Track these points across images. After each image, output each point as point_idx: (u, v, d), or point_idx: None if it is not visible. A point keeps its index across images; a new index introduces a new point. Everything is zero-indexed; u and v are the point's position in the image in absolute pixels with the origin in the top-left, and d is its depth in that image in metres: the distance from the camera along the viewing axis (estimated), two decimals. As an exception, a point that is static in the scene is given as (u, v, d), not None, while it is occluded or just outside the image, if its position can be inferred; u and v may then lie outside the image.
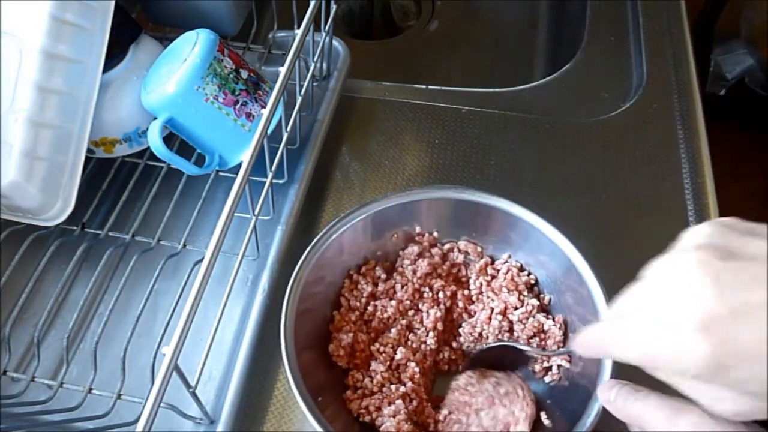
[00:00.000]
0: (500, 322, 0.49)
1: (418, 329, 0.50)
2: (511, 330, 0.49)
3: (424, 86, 0.70)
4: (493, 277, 0.52)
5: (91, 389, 0.46)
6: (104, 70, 0.51)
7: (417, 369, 0.47)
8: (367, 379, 0.48)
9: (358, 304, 0.51)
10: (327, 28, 0.58)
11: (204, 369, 0.39)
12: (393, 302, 0.50)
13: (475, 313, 0.51)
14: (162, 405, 0.33)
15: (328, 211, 0.60)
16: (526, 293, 0.50)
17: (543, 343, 0.48)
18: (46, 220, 0.50)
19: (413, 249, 0.52)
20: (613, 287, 0.44)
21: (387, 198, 0.50)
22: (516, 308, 0.49)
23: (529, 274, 0.51)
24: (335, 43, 0.66)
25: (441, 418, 0.46)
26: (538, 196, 0.61)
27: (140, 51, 0.55)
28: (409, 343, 0.49)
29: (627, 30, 0.77)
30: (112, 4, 0.50)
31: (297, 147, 0.57)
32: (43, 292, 0.53)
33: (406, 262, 0.52)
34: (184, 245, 0.52)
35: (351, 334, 0.49)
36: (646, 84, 0.69)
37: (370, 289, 0.51)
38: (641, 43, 0.73)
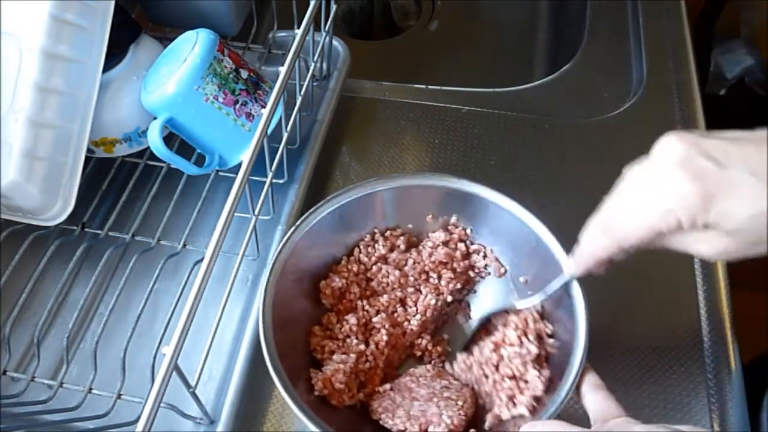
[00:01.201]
0: (491, 352, 0.47)
1: (410, 307, 0.51)
2: (498, 364, 0.46)
3: (424, 86, 0.70)
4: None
5: (91, 389, 0.46)
6: (104, 70, 0.51)
7: (386, 338, 0.48)
8: (338, 325, 0.49)
9: (366, 259, 0.52)
10: (327, 28, 0.58)
11: (204, 369, 0.39)
12: (398, 272, 0.51)
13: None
14: (162, 405, 0.33)
15: (328, 211, 0.60)
16: (531, 338, 0.47)
17: (516, 390, 0.45)
18: (46, 220, 0.50)
19: (440, 235, 0.52)
20: (611, 284, 0.45)
21: (442, 179, 0.51)
22: (512, 345, 0.47)
23: (546, 325, 0.48)
24: (335, 43, 0.65)
25: (380, 389, 0.47)
26: (538, 195, 0.61)
27: (140, 51, 0.55)
28: (395, 314, 0.50)
29: (627, 30, 0.76)
30: (112, 4, 0.50)
31: (297, 147, 0.57)
32: (43, 292, 0.53)
33: (429, 244, 0.52)
34: (184, 245, 0.52)
35: (343, 281, 0.50)
36: (646, 84, 0.69)
37: (384, 251, 0.52)
38: (641, 43, 0.73)
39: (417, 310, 0.50)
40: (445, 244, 0.52)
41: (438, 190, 0.51)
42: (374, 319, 0.49)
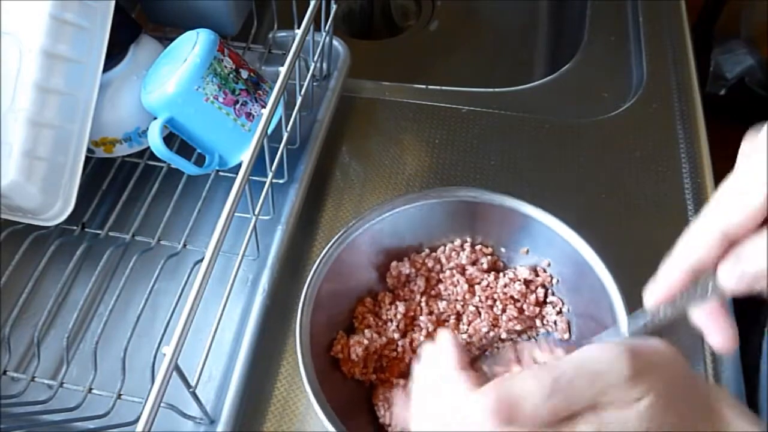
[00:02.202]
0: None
1: (462, 324, 0.50)
2: None
3: (424, 86, 0.70)
4: None
5: (91, 389, 0.46)
6: (104, 70, 0.51)
7: (422, 339, 0.48)
8: (387, 306, 0.50)
9: (445, 261, 0.52)
10: (327, 27, 0.58)
11: (204, 369, 0.39)
12: (467, 287, 0.50)
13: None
14: (162, 405, 0.33)
15: (328, 211, 0.60)
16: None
17: None
18: (46, 220, 0.50)
19: (524, 272, 0.51)
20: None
21: (557, 224, 0.48)
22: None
23: None
24: (335, 42, 0.65)
25: (394, 381, 0.47)
26: (538, 195, 0.61)
27: (140, 51, 0.55)
28: (445, 323, 0.50)
29: (627, 30, 0.76)
30: (112, 4, 0.50)
31: (297, 147, 0.57)
32: (43, 292, 0.53)
33: (510, 275, 0.50)
34: (184, 245, 0.52)
35: (413, 270, 0.50)
36: (646, 84, 0.69)
37: (465, 262, 0.51)
38: (641, 43, 0.73)
39: (467, 330, 0.50)
40: (526, 283, 0.50)
41: (544, 229, 0.49)
42: (421, 318, 0.49)
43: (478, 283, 0.51)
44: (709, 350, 0.51)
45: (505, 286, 0.50)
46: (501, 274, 0.51)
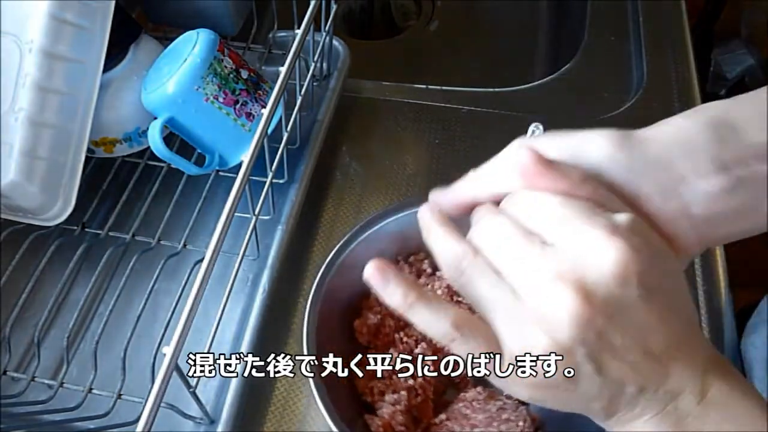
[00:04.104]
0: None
1: None
2: None
3: (424, 86, 0.70)
4: None
5: (91, 389, 0.46)
6: (104, 70, 0.51)
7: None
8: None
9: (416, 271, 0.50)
10: (327, 28, 0.58)
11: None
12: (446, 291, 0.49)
13: None
14: (162, 405, 0.33)
15: (328, 211, 0.60)
16: None
17: None
18: (46, 220, 0.50)
19: None
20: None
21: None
22: None
23: None
24: (335, 42, 0.65)
25: (437, 420, 0.45)
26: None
27: (140, 51, 0.54)
28: (433, 341, 0.49)
29: (627, 30, 0.76)
30: (112, 4, 0.50)
31: (297, 147, 0.57)
32: (43, 292, 0.53)
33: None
34: (184, 245, 0.52)
35: (379, 316, 0.48)
36: (646, 84, 0.69)
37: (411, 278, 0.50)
38: (641, 43, 0.73)
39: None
40: None
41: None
42: (416, 351, 0.48)
43: (438, 289, 0.50)
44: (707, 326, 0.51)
45: None
46: None
